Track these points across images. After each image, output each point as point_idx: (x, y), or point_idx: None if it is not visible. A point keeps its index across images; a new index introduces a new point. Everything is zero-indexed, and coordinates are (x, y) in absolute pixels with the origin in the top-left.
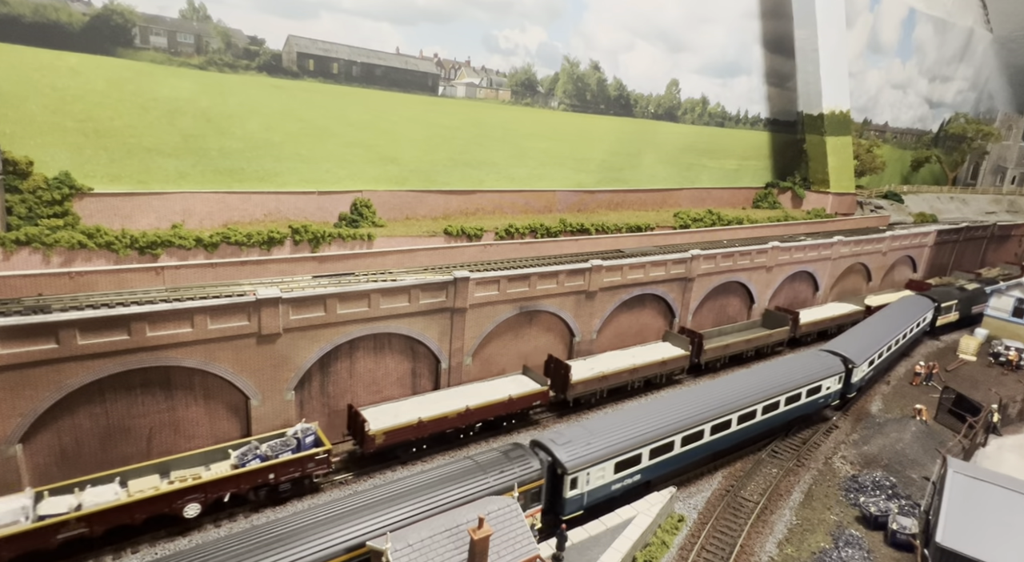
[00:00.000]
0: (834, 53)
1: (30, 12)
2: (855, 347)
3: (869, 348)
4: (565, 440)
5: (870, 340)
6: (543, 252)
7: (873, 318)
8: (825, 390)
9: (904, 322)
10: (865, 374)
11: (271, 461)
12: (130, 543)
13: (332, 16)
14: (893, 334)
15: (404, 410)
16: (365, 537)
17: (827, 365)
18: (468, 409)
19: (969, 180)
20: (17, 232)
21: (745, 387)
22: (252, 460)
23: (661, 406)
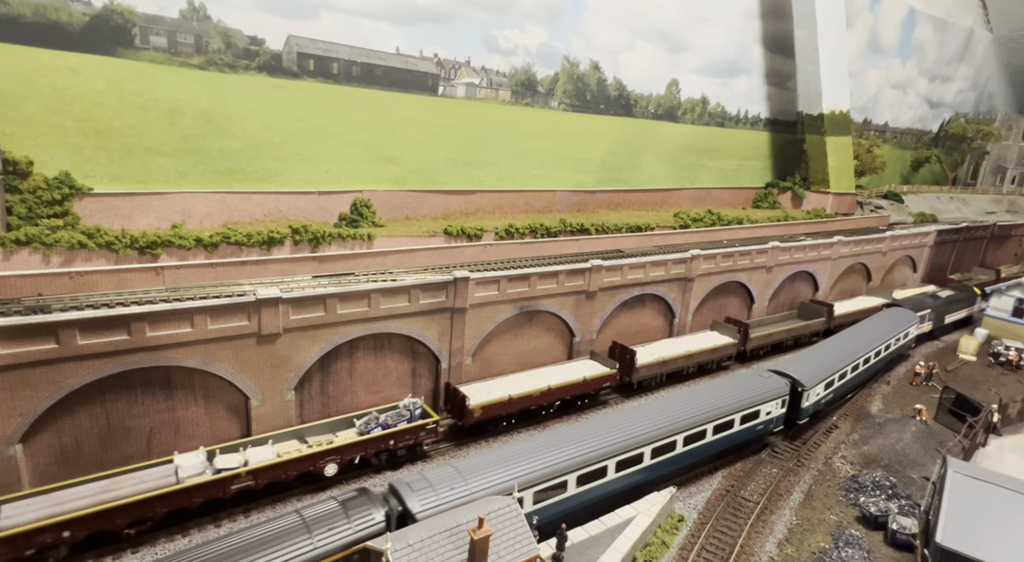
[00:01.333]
0: (834, 53)
1: (30, 12)
2: (809, 367)
3: (827, 368)
4: (424, 485)
5: (831, 359)
6: (543, 252)
7: (844, 333)
8: (764, 416)
9: (878, 338)
10: (821, 397)
11: (391, 429)
12: (130, 543)
13: (332, 16)
14: (861, 352)
15: (495, 388)
16: None
17: (769, 388)
18: (550, 388)
19: (969, 180)
20: (17, 232)
21: (666, 414)
22: (375, 429)
23: (557, 439)
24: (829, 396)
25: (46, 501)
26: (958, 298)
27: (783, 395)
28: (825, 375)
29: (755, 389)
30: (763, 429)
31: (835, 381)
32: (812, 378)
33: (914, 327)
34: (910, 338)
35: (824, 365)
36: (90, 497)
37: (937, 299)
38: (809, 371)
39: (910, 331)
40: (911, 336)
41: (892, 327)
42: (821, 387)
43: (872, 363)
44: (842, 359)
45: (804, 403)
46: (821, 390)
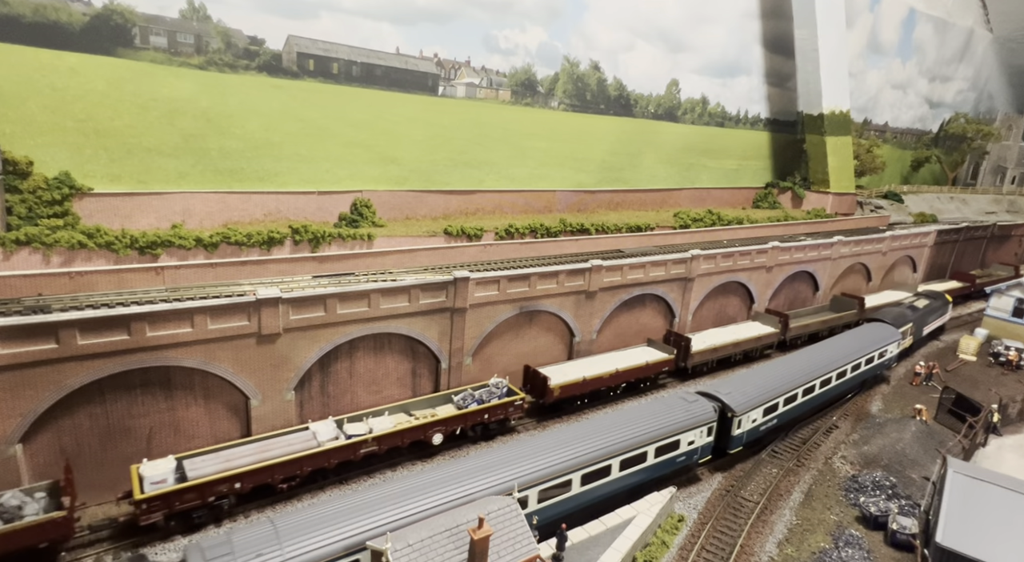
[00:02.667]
0: (834, 53)
1: (30, 12)
2: (746, 389)
3: (769, 391)
4: (224, 552)
5: (777, 380)
6: (543, 252)
7: (808, 349)
8: (686, 446)
9: (845, 357)
10: (758, 424)
11: (485, 404)
12: (130, 543)
13: (332, 16)
14: (818, 373)
15: (570, 370)
16: None
17: (692, 414)
18: (618, 371)
19: (969, 180)
20: (17, 232)
21: (565, 449)
22: (471, 404)
23: (437, 477)
24: (772, 422)
25: (216, 458)
26: (934, 308)
27: (709, 422)
28: (764, 399)
29: (675, 416)
30: (684, 461)
31: (779, 405)
32: (746, 402)
33: (894, 344)
34: (890, 357)
35: (765, 387)
36: (251, 456)
37: (916, 310)
38: (744, 394)
39: (889, 349)
40: (891, 355)
41: (866, 344)
42: (759, 412)
43: (834, 385)
44: (791, 380)
45: (735, 430)
46: (759, 416)
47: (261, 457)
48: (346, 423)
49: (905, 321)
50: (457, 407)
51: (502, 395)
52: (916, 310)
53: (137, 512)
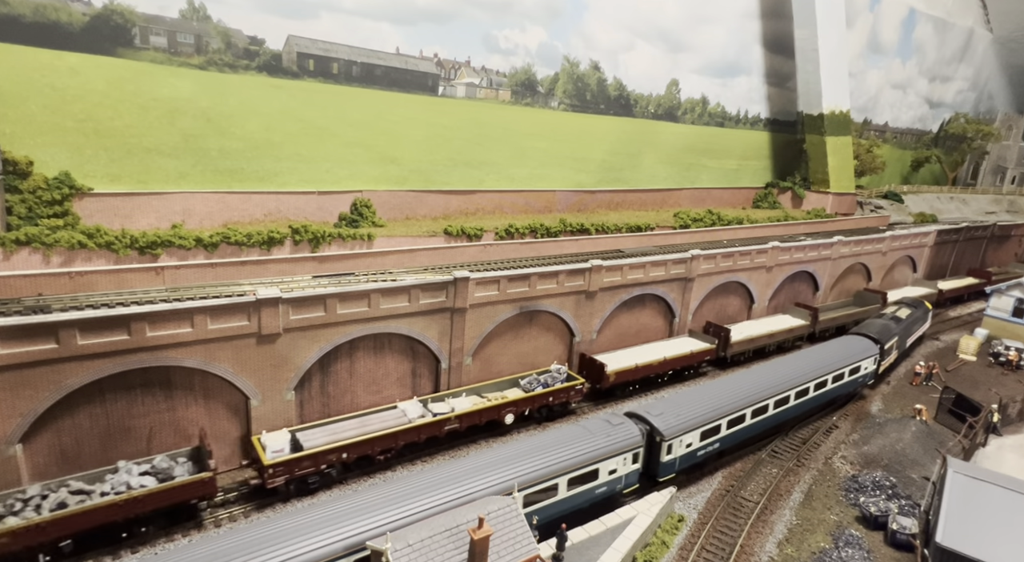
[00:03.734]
0: (834, 53)
1: (30, 12)
2: (681, 410)
3: (708, 412)
4: None
5: (720, 399)
6: (543, 252)
7: (765, 365)
8: (606, 476)
9: (807, 374)
10: (695, 448)
11: (550, 388)
12: (130, 544)
13: (332, 16)
14: (770, 392)
15: (622, 358)
16: None
17: (614, 439)
18: (665, 359)
19: (969, 180)
20: (17, 232)
21: (456, 485)
22: (537, 387)
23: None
24: (713, 446)
25: (323, 432)
26: (916, 317)
27: (635, 448)
28: (703, 420)
29: (594, 442)
30: (605, 492)
31: (721, 428)
32: (680, 424)
33: (870, 360)
34: (865, 373)
35: (706, 407)
36: (352, 430)
37: (900, 322)
38: (678, 416)
39: (863, 365)
40: (866, 371)
41: (836, 359)
42: (694, 436)
43: (793, 405)
44: (739, 399)
45: (665, 456)
46: (695, 440)
47: (361, 431)
48: (430, 402)
49: (890, 334)
50: (524, 390)
51: (562, 381)
52: (900, 321)
53: (265, 476)
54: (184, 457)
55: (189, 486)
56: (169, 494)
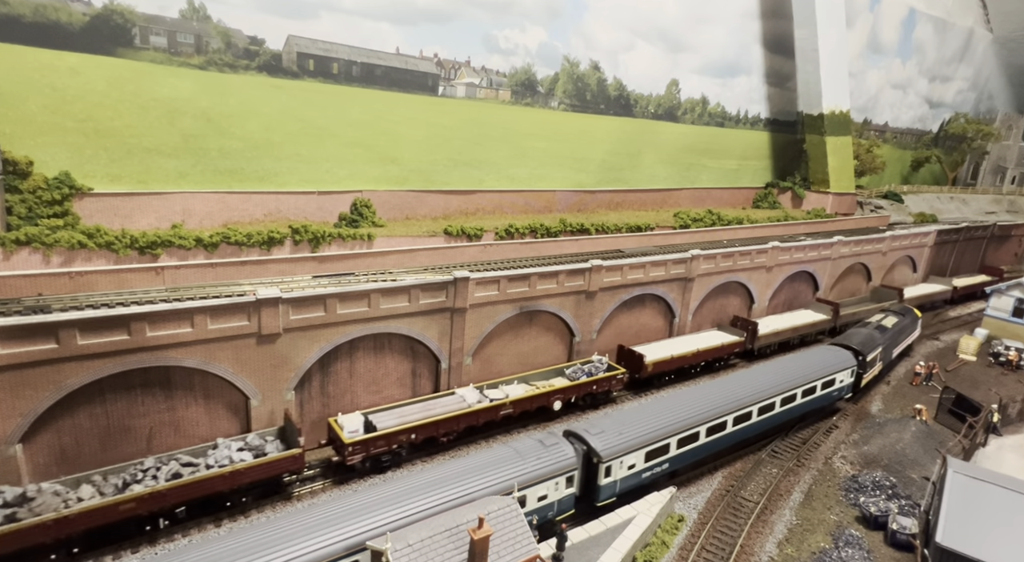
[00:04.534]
0: (834, 53)
1: (30, 12)
2: (623, 429)
3: (655, 430)
4: None
5: (670, 417)
6: (543, 252)
7: (726, 379)
8: (535, 503)
9: (771, 389)
10: (640, 470)
11: (594, 377)
12: (130, 544)
13: (332, 16)
14: (726, 408)
15: (659, 349)
16: None
17: (544, 463)
18: (699, 350)
19: (969, 180)
20: (17, 232)
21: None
22: (581, 376)
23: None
24: (661, 467)
25: (392, 415)
26: (903, 326)
27: (569, 471)
28: (647, 439)
29: (523, 466)
30: (540, 520)
31: (671, 447)
32: (621, 444)
33: (847, 372)
34: (841, 386)
35: (652, 425)
36: (418, 413)
37: (885, 331)
38: (620, 435)
39: (839, 377)
40: (843, 384)
41: (809, 372)
42: (637, 457)
43: (756, 421)
44: (692, 416)
45: (604, 479)
46: (638, 461)
47: (425, 414)
48: (486, 389)
49: (873, 345)
50: (570, 379)
51: (604, 370)
52: (886, 331)
53: (345, 454)
54: (272, 436)
55: (282, 461)
56: (266, 468)
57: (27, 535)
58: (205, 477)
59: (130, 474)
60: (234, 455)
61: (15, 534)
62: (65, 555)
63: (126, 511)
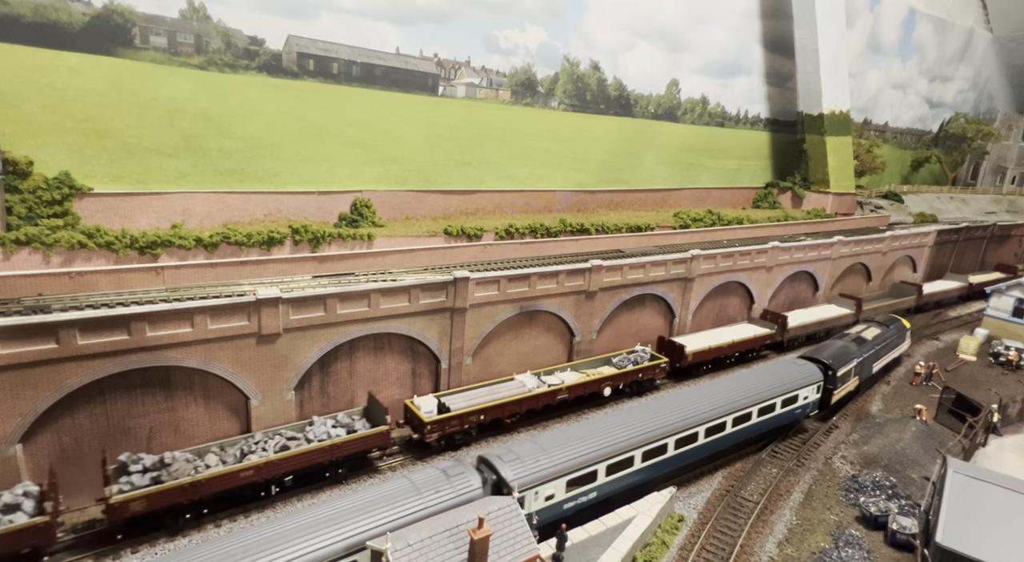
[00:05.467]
0: (834, 53)
1: (30, 12)
2: (543, 456)
3: (579, 456)
4: None
5: (603, 439)
6: (543, 252)
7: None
8: None
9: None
10: (560, 501)
11: (640, 365)
12: (130, 544)
13: (332, 16)
14: (672, 429)
15: (697, 340)
16: None
17: (445, 497)
18: (733, 342)
19: (969, 180)
20: (17, 232)
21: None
22: (628, 365)
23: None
24: (587, 496)
25: (462, 397)
26: (886, 338)
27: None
28: (569, 467)
29: (418, 502)
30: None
31: (599, 474)
32: (537, 473)
33: (812, 388)
34: (804, 403)
35: (577, 450)
36: (484, 397)
37: (863, 344)
38: (537, 461)
39: (802, 394)
40: (807, 401)
41: (768, 388)
42: (557, 486)
43: (703, 443)
44: (624, 440)
45: (527, 509)
46: (558, 490)
47: (492, 398)
48: (543, 375)
49: (847, 359)
50: (617, 368)
51: (647, 360)
52: (864, 344)
53: (424, 432)
54: (358, 415)
55: (372, 437)
56: (359, 442)
57: (169, 495)
58: (309, 449)
59: (245, 446)
60: (330, 431)
61: (160, 494)
62: (197, 515)
63: (246, 478)
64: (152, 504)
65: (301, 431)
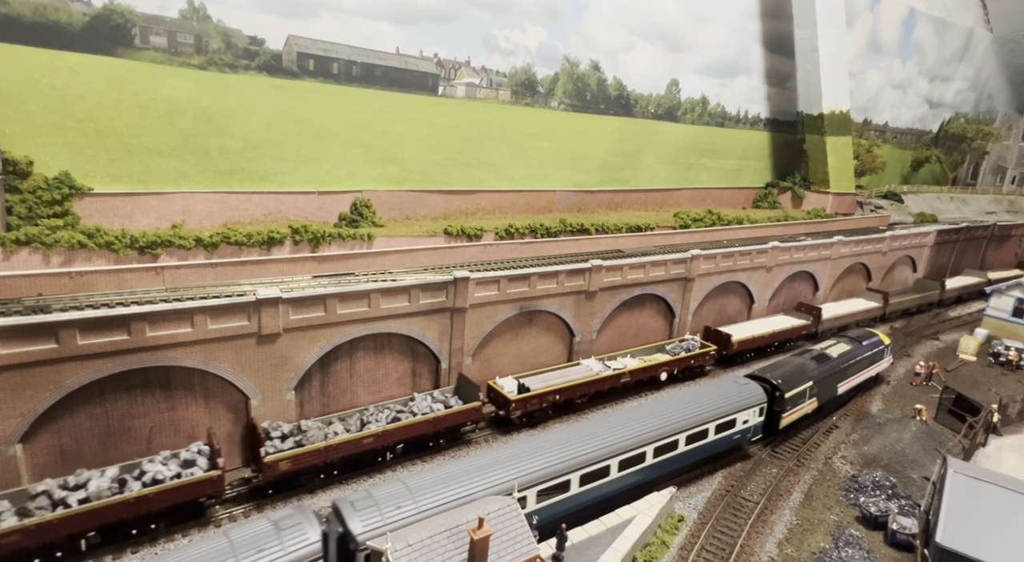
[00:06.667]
0: (834, 53)
1: (30, 12)
2: (406, 502)
3: (449, 501)
4: None
5: (487, 477)
6: (543, 252)
7: (586, 422)
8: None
9: (651, 432)
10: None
11: (692, 352)
12: (130, 544)
13: (332, 16)
14: (581, 461)
15: (741, 330)
16: None
17: (270, 559)
18: (774, 331)
19: (969, 180)
20: (17, 232)
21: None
22: (681, 352)
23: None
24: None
25: (538, 379)
26: (856, 355)
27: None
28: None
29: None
30: None
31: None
32: (392, 524)
33: (752, 411)
34: (744, 427)
35: (454, 492)
36: (557, 379)
37: (825, 362)
38: (396, 509)
39: (740, 418)
40: (747, 425)
41: (698, 413)
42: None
43: (614, 478)
44: (506, 479)
45: None
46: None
47: (564, 380)
48: (606, 360)
49: (801, 378)
50: (671, 355)
51: (697, 348)
52: (827, 361)
53: (510, 409)
54: (450, 393)
55: (467, 411)
56: (456, 416)
57: (308, 457)
58: (416, 421)
59: (363, 417)
60: (432, 405)
61: (302, 455)
62: (327, 476)
63: (367, 444)
64: (296, 464)
65: (405, 405)
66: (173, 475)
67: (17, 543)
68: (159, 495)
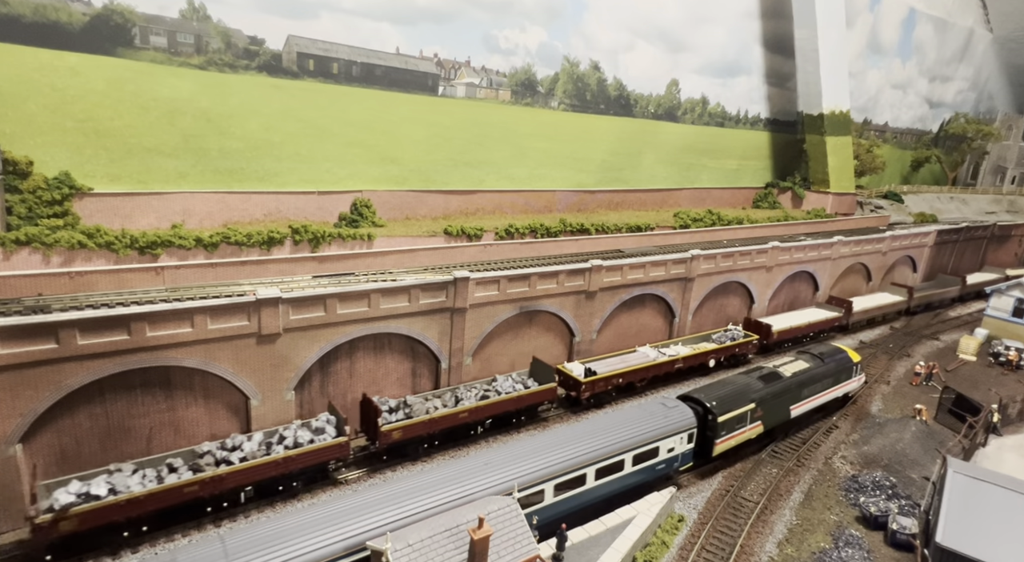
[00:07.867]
0: (834, 53)
1: (30, 12)
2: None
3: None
4: None
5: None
6: (543, 252)
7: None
8: None
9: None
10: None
11: (736, 341)
12: (131, 544)
13: (332, 16)
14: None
15: (779, 322)
16: None
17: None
18: (811, 323)
19: (969, 180)
20: (17, 232)
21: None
22: (726, 341)
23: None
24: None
25: (602, 364)
26: (816, 374)
27: None
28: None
29: None
30: None
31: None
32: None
33: (679, 438)
34: (667, 457)
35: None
36: (618, 364)
37: (774, 381)
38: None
39: (665, 446)
40: (671, 455)
41: (613, 442)
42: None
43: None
44: (377, 525)
45: None
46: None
47: (624, 365)
48: (660, 348)
49: (741, 401)
50: (717, 343)
51: (740, 337)
52: (776, 381)
53: (581, 390)
54: (526, 374)
55: (544, 391)
56: (535, 395)
57: (416, 428)
58: (503, 399)
59: (456, 395)
60: (514, 386)
61: (411, 426)
62: (429, 446)
63: (462, 419)
64: (405, 434)
65: (490, 384)
66: (308, 440)
67: (196, 493)
68: (300, 456)
